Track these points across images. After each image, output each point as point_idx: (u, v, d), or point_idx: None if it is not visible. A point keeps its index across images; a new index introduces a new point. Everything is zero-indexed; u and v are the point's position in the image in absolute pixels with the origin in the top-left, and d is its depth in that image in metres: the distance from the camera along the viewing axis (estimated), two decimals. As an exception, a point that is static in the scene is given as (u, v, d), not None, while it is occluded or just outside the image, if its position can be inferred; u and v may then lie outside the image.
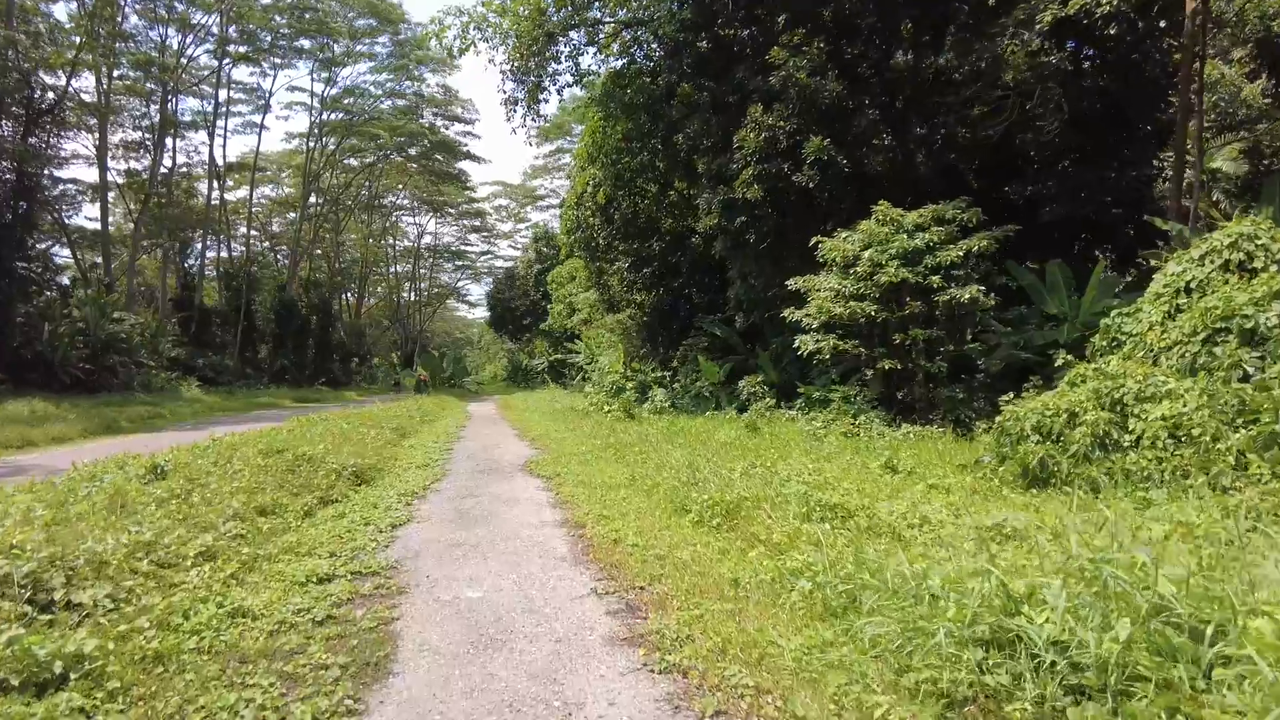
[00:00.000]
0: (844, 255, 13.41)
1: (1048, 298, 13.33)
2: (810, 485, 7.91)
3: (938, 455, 10.21)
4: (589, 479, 9.46)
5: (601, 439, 13.42)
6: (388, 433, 14.46)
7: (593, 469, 10.32)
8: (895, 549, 5.41)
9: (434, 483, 9.69)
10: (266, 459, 9.07)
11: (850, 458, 10.08)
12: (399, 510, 7.78)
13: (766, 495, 6.92)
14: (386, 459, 11.33)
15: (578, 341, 36.05)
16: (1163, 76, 16.59)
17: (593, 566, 5.68)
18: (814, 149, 14.13)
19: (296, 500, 7.52)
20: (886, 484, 8.09)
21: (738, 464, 9.44)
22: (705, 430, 13.83)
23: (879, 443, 11.51)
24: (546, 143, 54.87)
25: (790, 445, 11.55)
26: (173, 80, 38.20)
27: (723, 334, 22.25)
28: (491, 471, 10.73)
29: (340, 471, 9.04)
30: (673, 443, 12.21)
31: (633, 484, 8.94)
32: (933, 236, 12.59)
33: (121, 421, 21.32)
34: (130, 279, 39.14)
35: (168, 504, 6.61)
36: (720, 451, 10.94)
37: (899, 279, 12.28)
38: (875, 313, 12.66)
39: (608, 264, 27.36)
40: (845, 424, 12.64)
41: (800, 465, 9.08)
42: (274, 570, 5.37)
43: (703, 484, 7.89)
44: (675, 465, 9.53)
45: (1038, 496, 7.43)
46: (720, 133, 17.52)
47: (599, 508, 7.61)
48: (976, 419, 12.33)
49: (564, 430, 16.29)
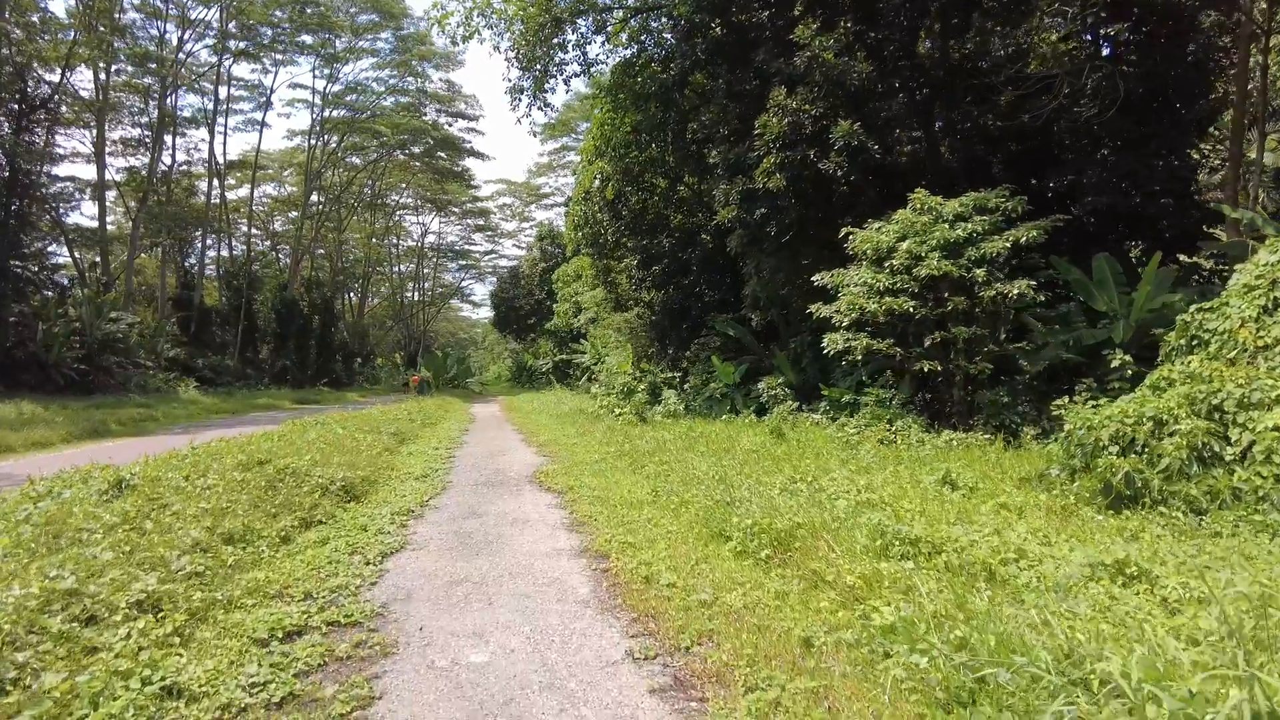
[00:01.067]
0: (877, 247, 12.31)
1: (1096, 293, 12.22)
2: (863, 504, 6.84)
3: (990, 466, 9.12)
4: (606, 494, 8.38)
5: (615, 446, 12.34)
6: (385, 438, 13.39)
7: (609, 481, 9.23)
8: (998, 594, 4.33)
9: (433, 497, 8.60)
10: (245, 472, 8.00)
11: (895, 470, 8.99)
12: (391, 534, 6.69)
13: (823, 521, 5.82)
14: (382, 469, 10.25)
15: (583, 342, 34.99)
16: (1207, 60, 15.49)
17: (623, 615, 4.59)
18: (843, 133, 13.04)
19: (273, 523, 6.44)
20: (949, 503, 7.00)
21: (773, 477, 8.36)
22: (726, 436, 12.73)
23: (920, 451, 10.42)
24: (551, 140, 53.88)
25: (823, 454, 10.46)
26: (171, 76, 37.18)
27: (736, 333, 21.16)
28: (497, 484, 9.64)
29: (327, 487, 7.96)
30: (693, 450, 11.12)
31: (656, 500, 7.85)
32: (976, 226, 11.48)
33: (111, 424, 20.30)
34: (128, 278, 38.12)
35: (116, 531, 5.54)
36: (748, 461, 9.85)
37: (940, 272, 11.17)
38: (914, 309, 11.56)
39: (615, 261, 26.29)
40: (880, 430, 11.55)
41: (845, 480, 8.00)
42: (230, 622, 4.28)
43: (740, 503, 6.80)
44: (702, 478, 8.43)
45: (1129, 519, 6.34)
46: (737, 120, 16.44)
47: (622, 531, 6.53)
48: (1022, 424, 11.26)
49: (573, 435, 15.21)
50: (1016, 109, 17.56)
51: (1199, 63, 15.28)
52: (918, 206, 12.14)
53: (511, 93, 19.92)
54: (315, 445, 11.26)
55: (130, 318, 33.66)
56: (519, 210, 69.32)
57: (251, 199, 48.35)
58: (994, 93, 17.60)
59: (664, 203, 24.96)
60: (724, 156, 16.04)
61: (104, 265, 38.81)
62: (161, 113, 37.30)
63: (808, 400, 16.57)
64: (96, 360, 30.58)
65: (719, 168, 16.26)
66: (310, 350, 44.89)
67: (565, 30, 20.11)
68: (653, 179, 24.13)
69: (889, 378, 15.06)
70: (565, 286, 37.44)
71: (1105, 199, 14.22)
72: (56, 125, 34.48)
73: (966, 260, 11.39)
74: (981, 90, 17.57)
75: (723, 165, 16.08)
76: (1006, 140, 17.82)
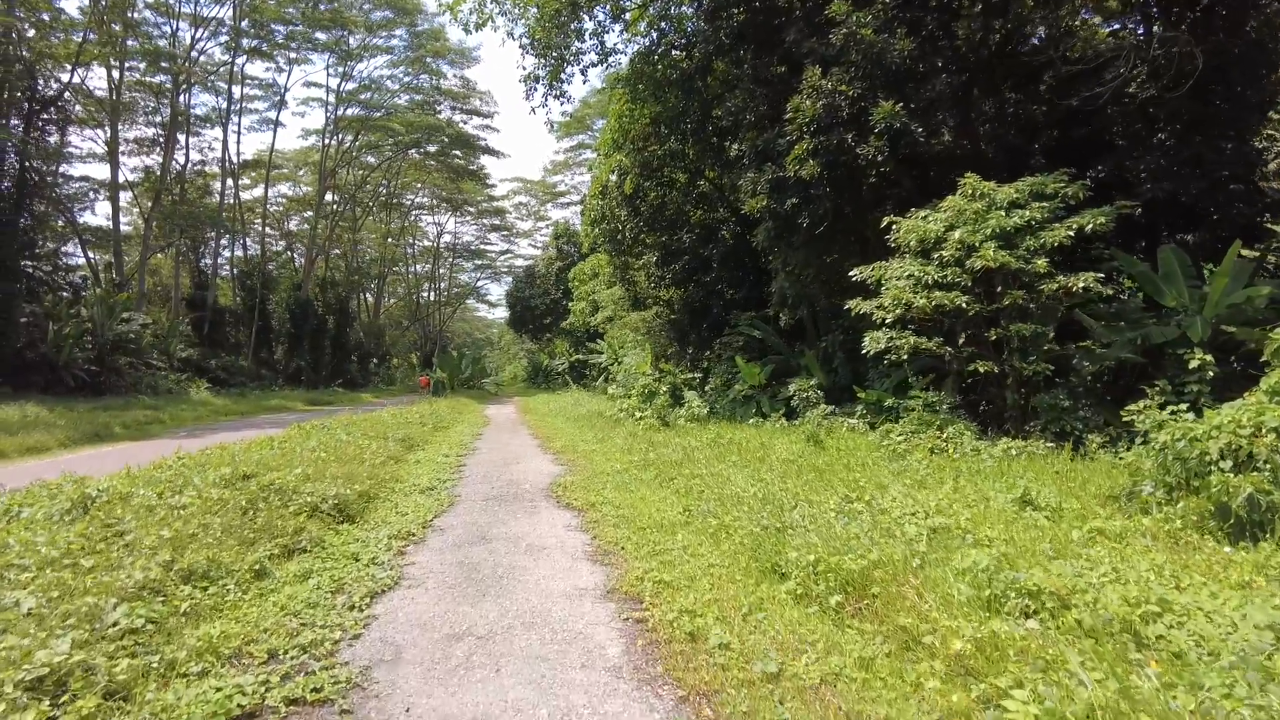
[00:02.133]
0: (923, 237, 11.20)
1: (1163, 288, 11.03)
2: (938, 530, 5.77)
3: (1064, 480, 8.02)
4: (633, 512, 7.34)
5: (639, 454, 11.29)
6: (392, 445, 12.42)
7: (634, 497, 8.18)
8: (1164, 671, 3.26)
9: (437, 516, 7.60)
10: (226, 489, 7.03)
11: (956, 485, 7.90)
12: (385, 565, 5.69)
13: (903, 559, 4.75)
14: (385, 481, 9.26)
15: (600, 341, 33.97)
16: (1269, 37, 14.25)
17: (667, 692, 3.54)
18: (884, 114, 11.92)
19: (247, 554, 5.44)
20: (1037, 529, 5.91)
21: (823, 495, 7.29)
22: (758, 443, 11.66)
23: (978, 462, 9.31)
24: (567, 137, 52.90)
25: (870, 465, 9.37)
26: (185, 74, 36.52)
27: (760, 333, 20.06)
28: (510, 499, 8.62)
29: (317, 506, 6.96)
30: (725, 460, 10.06)
31: (690, 522, 6.79)
32: (1034, 214, 10.34)
33: (115, 427, 19.54)
34: (141, 278, 37.52)
35: (50, 569, 4.58)
36: (788, 474, 8.78)
37: (997, 264, 10.03)
38: (966, 304, 10.43)
39: (634, 258, 25.25)
40: (930, 438, 10.43)
41: (905, 498, 6.93)
42: (161, 705, 3.28)
43: (794, 530, 5.75)
44: (741, 495, 7.37)
45: (1268, 554, 5.23)
46: (765, 105, 15.34)
47: (655, 564, 5.49)
48: (1085, 431, 10.12)
49: (592, 440, 14.18)
50: (1061, 93, 16.37)
51: (1259, 41, 14.06)
52: (969, 192, 11.01)
53: (526, 81, 18.90)
54: (315, 454, 10.32)
55: (143, 318, 33.03)
56: (535, 210, 68.48)
57: (266, 198, 47.72)
58: (1035, 78, 16.43)
59: (683, 198, 23.90)
60: (751, 144, 14.94)
61: (118, 265, 38.26)
62: (174, 111, 36.66)
63: (839, 403, 15.47)
64: (107, 361, 30.01)
65: (746, 156, 15.16)
66: (325, 351, 44.21)
67: (582, 17, 19.08)
68: (672, 173, 23.06)
69: (925, 380, 13.96)
70: (581, 285, 36.42)
71: (1166, 186, 13.02)
72: (69, 124, 33.94)
73: (1024, 250, 10.26)
74: (1023, 75, 16.41)
75: (750, 153, 14.99)
76: (1048, 127, 16.64)
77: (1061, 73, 16.32)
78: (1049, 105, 16.12)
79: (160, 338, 35.71)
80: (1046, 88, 16.51)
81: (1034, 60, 16.24)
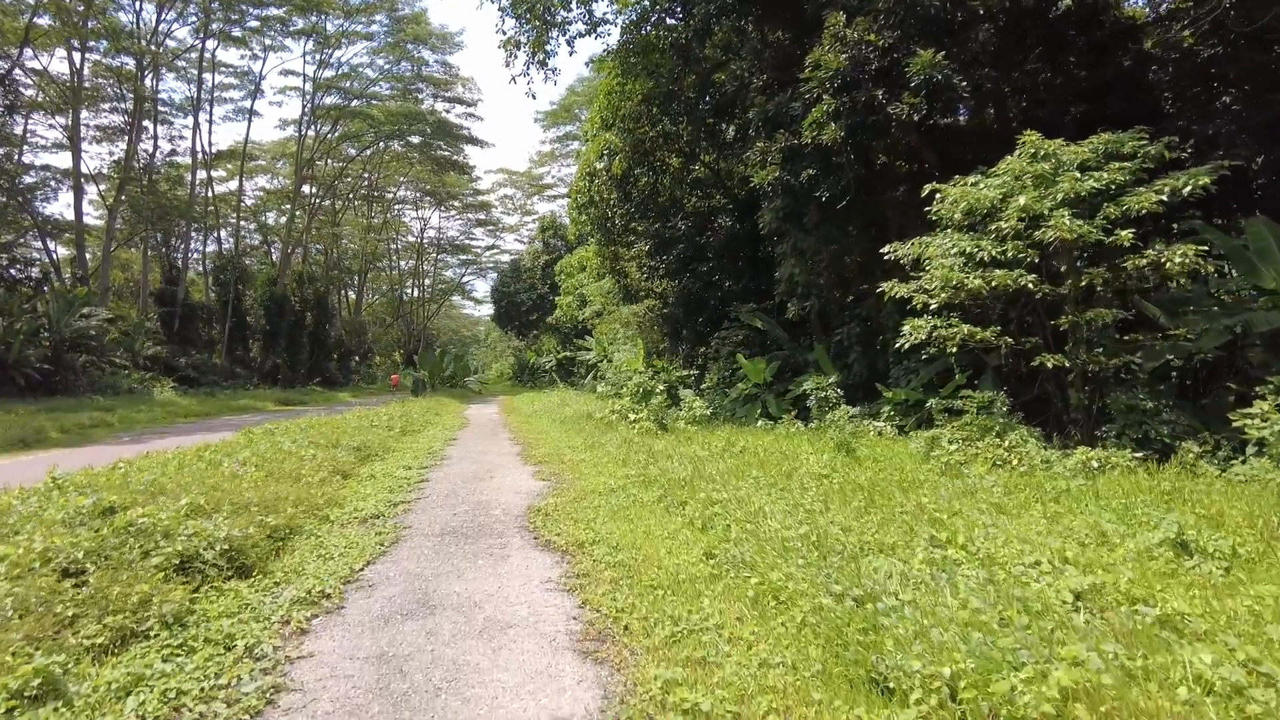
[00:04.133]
0: (974, 208, 9.24)
1: (1261, 267, 9.14)
2: (1076, 593, 3.82)
3: (1176, 503, 6.11)
4: (636, 557, 5.30)
5: (636, 466, 9.25)
6: (343, 454, 10.33)
7: (636, 530, 6.15)
8: None
9: (371, 562, 5.54)
10: (70, 533, 4.94)
11: (1047, 511, 5.97)
12: (264, 663, 3.65)
13: (1117, 683, 2.75)
14: (317, 507, 7.17)
15: (588, 338, 31.90)
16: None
17: None
18: (923, 65, 9.95)
19: (40, 656, 3.39)
20: (1229, 590, 3.95)
21: (892, 531, 5.30)
22: (778, 452, 9.66)
23: (1058, 478, 7.38)
24: (554, 127, 50.68)
25: (925, 483, 7.42)
26: (148, 55, 34.06)
27: (764, 325, 18.08)
28: (473, 532, 6.56)
29: (195, 556, 4.86)
30: (744, 475, 8.05)
31: (719, 575, 4.77)
32: (1114, 176, 8.40)
33: (51, 432, 17.32)
34: (104, 271, 35.04)
35: None
36: (830, 497, 6.79)
37: (1074, 235, 8.08)
38: (1033, 285, 8.48)
39: (624, 247, 23.19)
40: (990, 447, 8.48)
41: (1002, 537, 4.97)
42: None
43: (882, 599, 3.74)
44: (784, 535, 5.36)
45: None
46: (774, 68, 13.36)
47: (681, 665, 3.46)
48: (1174, 438, 8.21)
49: (580, 448, 12.13)
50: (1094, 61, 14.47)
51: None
52: (1032, 152, 9.06)
53: (506, 47, 16.75)
54: (238, 470, 8.23)
55: (104, 314, 30.59)
56: (520, 203, 66.15)
57: (240, 190, 45.20)
58: (1066, 46, 14.53)
59: (676, 184, 21.87)
60: (760, 110, 12.93)
61: (80, 258, 35.77)
62: (138, 95, 34.19)
63: (853, 402, 13.55)
64: (64, 360, 27.68)
65: (753, 125, 13.16)
66: (302, 348, 41.85)
67: (568, -21, 17.00)
68: (665, 157, 21.02)
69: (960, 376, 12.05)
70: (569, 278, 34.31)
71: (1242, 154, 11.15)
72: (19, 107, 31.40)
73: (1103, 219, 8.32)
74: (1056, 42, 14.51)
75: (759, 121, 12.99)
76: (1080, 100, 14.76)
77: (1096, 38, 14.42)
78: (1089, 69, 14.20)
79: (127, 335, 33.32)
80: (1076, 58, 14.63)
81: (1065, 23, 14.33)
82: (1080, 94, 14.53)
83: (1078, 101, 14.54)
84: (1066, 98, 14.45)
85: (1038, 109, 14.25)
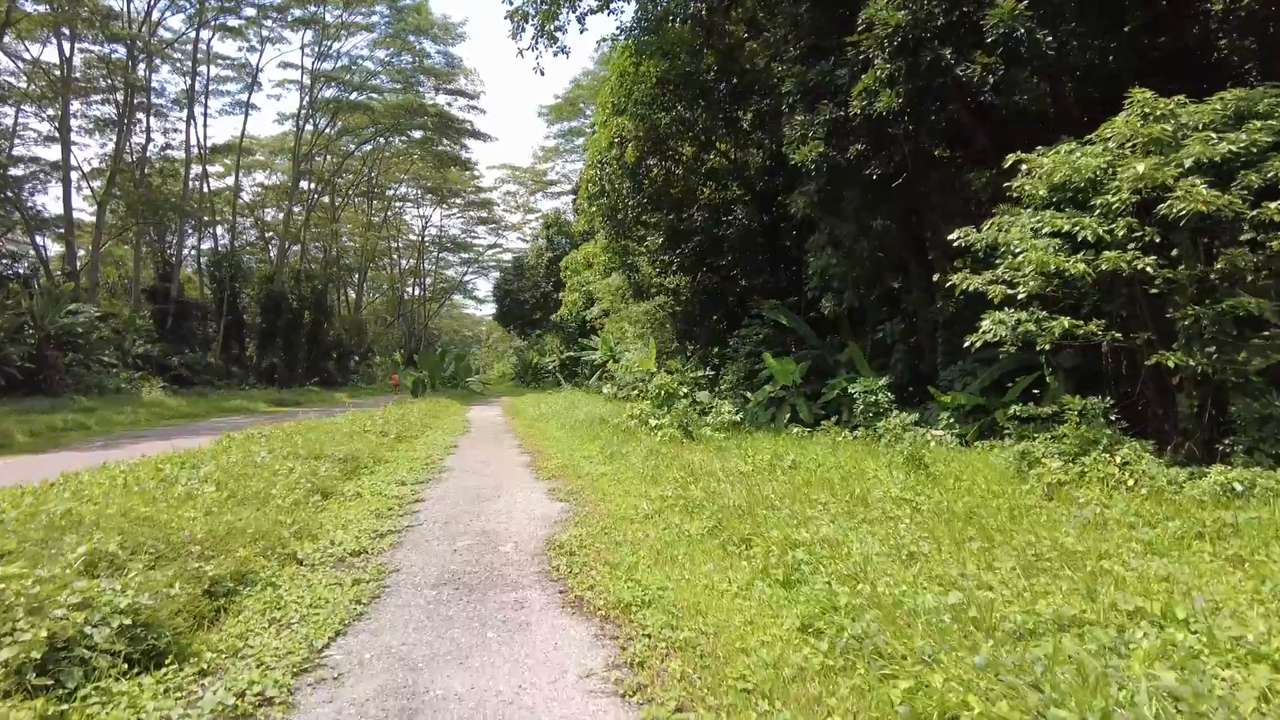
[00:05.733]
0: (1068, 180, 7.71)
1: None
2: None
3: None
4: (706, 629, 3.75)
5: (671, 485, 7.67)
6: (325, 467, 8.78)
7: (693, 583, 4.56)
8: None
9: (341, 633, 3.98)
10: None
11: (1216, 552, 4.47)
12: None
13: None
14: (282, 543, 5.60)
15: (594, 337, 30.33)
16: None
17: None
18: (1003, 14, 8.41)
19: None
20: None
21: (1058, 593, 3.76)
22: (835, 466, 8.12)
23: (1185, 506, 5.86)
24: (559, 122, 49.08)
25: (1029, 509, 5.89)
26: (140, 40, 32.47)
27: (791, 323, 16.53)
28: (479, 582, 5.00)
29: (73, 644, 3.32)
30: (807, 499, 6.49)
31: (838, 668, 3.23)
32: (1256, 137, 6.86)
33: (18, 435, 15.82)
34: (94, 266, 33.46)
35: None
36: (934, 531, 5.25)
37: (1211, 208, 6.54)
38: (1152, 269, 6.94)
39: (635, 241, 21.63)
40: (1101, 464, 6.94)
41: (1192, 615, 3.43)
42: None
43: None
44: (915, 602, 3.82)
45: None
46: (812, 34, 11.82)
47: None
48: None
49: (599, 458, 10.56)
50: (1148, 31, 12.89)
51: None
52: (1144, 113, 7.51)
53: (513, 18, 15.21)
54: (196, 492, 6.70)
55: (92, 310, 29.01)
56: (524, 200, 64.47)
57: (237, 184, 43.57)
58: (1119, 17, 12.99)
59: (691, 173, 20.33)
60: (799, 79, 11.38)
61: (69, 254, 34.17)
62: (129, 84, 32.58)
63: (899, 407, 12.02)
64: (48, 358, 26.11)
65: (791, 96, 11.59)
66: (300, 347, 40.29)
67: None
68: (679, 145, 19.48)
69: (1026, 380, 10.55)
70: (574, 275, 32.75)
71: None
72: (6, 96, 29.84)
73: (1243, 189, 6.78)
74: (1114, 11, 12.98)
75: (797, 91, 11.43)
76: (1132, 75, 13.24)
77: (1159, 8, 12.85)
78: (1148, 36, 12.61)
79: (118, 333, 31.74)
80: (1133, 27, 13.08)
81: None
82: (1140, 70, 12.98)
83: (1135, 78, 13.01)
84: (1123, 75, 12.90)
85: (1091, 88, 12.73)
